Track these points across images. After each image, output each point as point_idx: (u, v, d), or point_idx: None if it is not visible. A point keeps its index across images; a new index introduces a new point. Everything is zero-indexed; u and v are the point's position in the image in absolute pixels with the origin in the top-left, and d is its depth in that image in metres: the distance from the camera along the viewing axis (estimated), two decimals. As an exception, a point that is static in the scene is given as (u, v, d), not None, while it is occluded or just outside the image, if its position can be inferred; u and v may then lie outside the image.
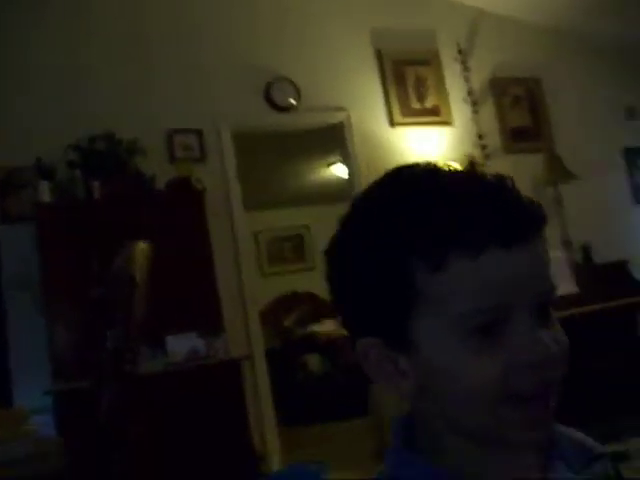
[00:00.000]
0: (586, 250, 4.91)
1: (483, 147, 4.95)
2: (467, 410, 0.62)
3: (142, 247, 1.35)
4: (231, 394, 3.60)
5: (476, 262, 0.59)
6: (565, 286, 4.44)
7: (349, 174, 4.88)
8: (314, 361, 6.87)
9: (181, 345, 3.64)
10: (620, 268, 4.78)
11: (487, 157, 4.95)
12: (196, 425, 3.37)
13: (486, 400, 0.61)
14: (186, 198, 3.98)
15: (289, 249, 9.17)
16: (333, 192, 7.51)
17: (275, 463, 4.17)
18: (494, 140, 5.05)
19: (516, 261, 0.60)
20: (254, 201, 7.46)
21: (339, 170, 7.07)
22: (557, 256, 4.61)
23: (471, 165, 0.66)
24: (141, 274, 1.32)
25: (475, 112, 5.01)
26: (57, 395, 3.33)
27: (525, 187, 0.63)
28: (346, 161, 4.90)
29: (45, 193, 3.79)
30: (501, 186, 0.62)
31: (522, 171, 4.98)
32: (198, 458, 3.30)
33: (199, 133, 4.37)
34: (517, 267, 0.60)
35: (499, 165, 4.96)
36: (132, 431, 1.14)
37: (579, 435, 0.76)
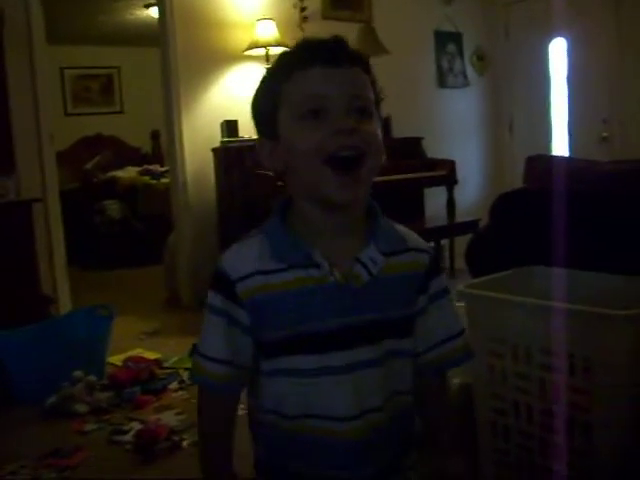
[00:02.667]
0: (386, 123, 5.15)
1: (302, 9, 4.90)
2: (304, 171, 0.98)
3: None
4: (20, 236, 3.49)
5: (305, 72, 0.98)
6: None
7: (161, 18, 4.65)
8: (113, 207, 6.76)
9: (-33, 181, 3.44)
10: (415, 144, 5.11)
11: (304, 20, 4.92)
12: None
13: (313, 160, 0.96)
14: (-22, 22, 3.62)
15: (97, 89, 8.71)
16: (149, 35, 7.16)
17: (65, 306, 4.17)
18: (314, 3, 5.00)
19: (332, 74, 0.97)
20: (62, 34, 6.95)
21: (157, 12, 6.71)
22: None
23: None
24: None
25: (299, -29, 4.92)
26: None
27: None
28: (160, 3, 4.64)
29: None
30: (334, 39, 1.00)
31: (337, 39, 5.06)
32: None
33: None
34: (333, 77, 0.97)
35: (315, 29, 4.95)
36: None
37: (404, 230, 1.11)
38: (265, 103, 1.03)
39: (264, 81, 1.06)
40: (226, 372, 1.03)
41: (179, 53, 4.46)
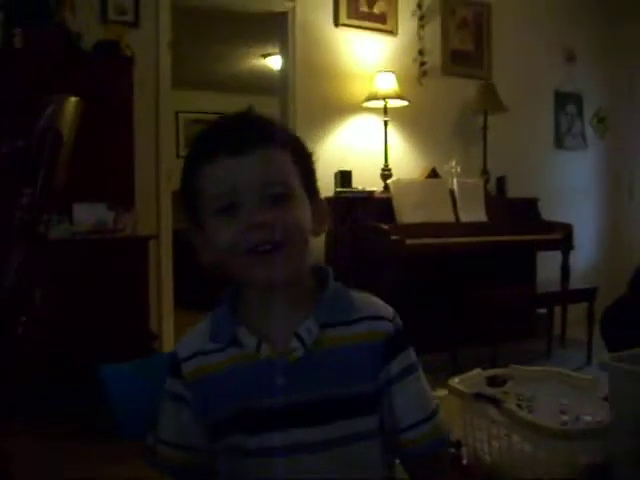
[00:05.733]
0: (501, 182, 5.03)
1: (422, 63, 4.91)
2: (228, 262, 0.95)
3: (73, 102, 1.25)
4: (134, 271, 3.54)
5: (211, 165, 0.93)
6: (475, 214, 4.57)
7: (283, 68, 4.74)
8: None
9: (89, 215, 3.52)
10: (530, 205, 4.94)
11: (424, 74, 4.91)
12: (96, 297, 3.33)
13: (232, 253, 0.93)
14: (114, 63, 3.76)
15: (208, 135, 8.98)
16: (263, 84, 7.34)
17: (168, 343, 4.19)
18: (434, 59, 5.00)
19: (239, 164, 0.92)
20: (180, 79, 7.21)
21: (273, 62, 6.89)
22: (472, 183, 4.71)
23: (247, 108, 0.87)
24: (69, 132, 1.23)
25: (421, 27, 4.93)
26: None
27: (455, 111, 0.64)
28: (283, 54, 4.74)
29: (-40, 33, 3.49)
30: (241, 120, 0.97)
31: (455, 95, 5.01)
32: (96, 329, 3.28)
33: (136, -4, 4.11)
34: (241, 167, 0.92)
35: (434, 85, 4.96)
36: (39, 295, 1.10)
37: (361, 298, 1.04)
38: (185, 194, 1.00)
39: (182, 176, 1.01)
40: (179, 455, 1.02)
41: (298, 102, 4.51)
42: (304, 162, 1.00)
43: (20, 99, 3.00)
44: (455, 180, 4.60)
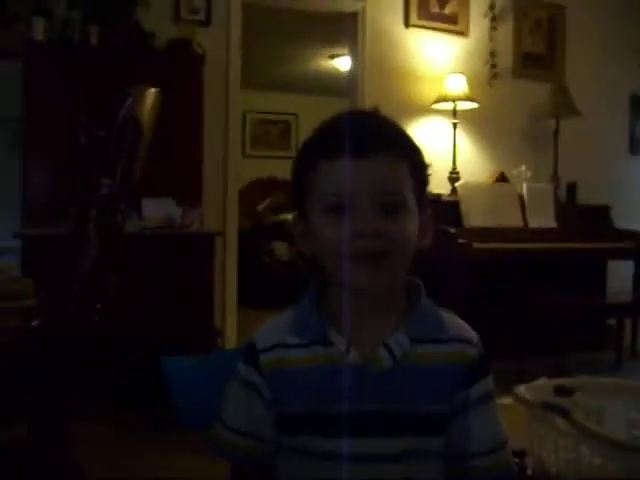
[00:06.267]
0: (571, 189, 4.91)
1: (493, 66, 4.83)
2: (327, 260, 0.95)
3: (153, 93, 1.26)
4: (200, 267, 3.59)
5: (329, 163, 0.93)
6: (545, 219, 4.46)
7: (352, 69, 4.74)
8: (281, 248, 6.89)
9: (157, 210, 3.59)
10: (602, 213, 4.80)
11: (494, 76, 4.84)
12: (163, 291, 3.39)
13: (333, 254, 0.93)
14: (185, 61, 3.83)
15: (274, 134, 9.04)
16: (330, 85, 7.35)
17: (230, 340, 4.23)
18: (505, 61, 4.92)
19: (358, 167, 0.91)
20: (248, 79, 7.28)
21: (341, 63, 6.89)
22: (542, 189, 4.60)
23: (373, 109, 0.84)
24: (149, 122, 1.24)
25: (493, 28, 4.85)
26: (26, 239, 3.29)
27: (526, 114, 0.61)
28: (352, 54, 4.74)
29: (39, 30, 3.59)
30: (364, 122, 0.97)
31: (526, 98, 4.91)
32: (162, 322, 3.33)
33: (208, -4, 4.17)
34: (359, 171, 0.91)
35: (504, 87, 4.87)
36: (114, 284, 1.12)
37: (448, 317, 1.02)
38: (296, 185, 1.00)
39: (296, 162, 1.01)
40: (244, 443, 1.01)
41: (367, 103, 4.49)
42: (420, 172, 0.99)
43: (95, 94, 3.08)
44: (524, 185, 4.51)
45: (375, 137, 0.94)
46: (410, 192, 0.95)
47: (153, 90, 1.26)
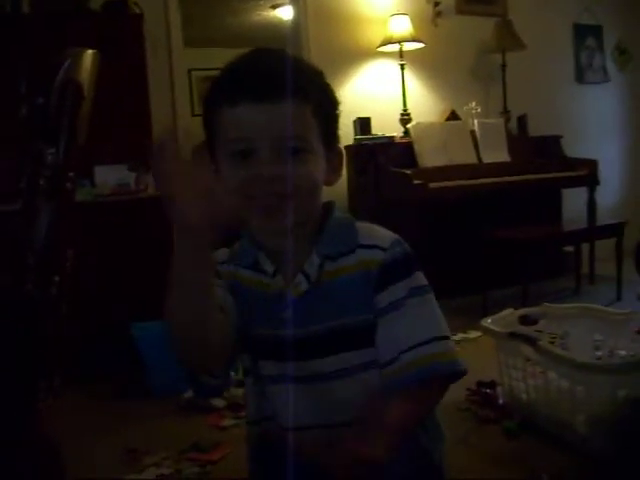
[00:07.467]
0: (522, 121, 4.94)
1: (436, 4, 4.79)
2: (235, 204, 0.93)
3: (90, 54, 1.23)
4: (160, 228, 3.53)
5: (233, 109, 0.92)
6: (498, 154, 4.50)
7: (294, 17, 4.65)
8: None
9: (110, 177, 3.52)
10: (553, 143, 4.86)
11: (438, 15, 4.80)
12: (127, 257, 3.35)
13: (238, 197, 0.92)
14: (123, 21, 3.71)
15: (222, 91, 8.92)
16: (275, 35, 7.22)
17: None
18: (448, -2, 4.87)
19: (260, 112, 0.91)
20: (190, 36, 7.12)
21: (283, 13, 6.76)
22: (493, 124, 4.63)
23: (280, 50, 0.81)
24: (89, 85, 1.20)
25: (433, -34, 4.80)
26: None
27: (472, 51, 0.61)
28: (293, 2, 4.64)
29: (-34, 1, 3.45)
30: (266, 62, 0.95)
31: (472, 34, 4.90)
32: (129, 288, 3.30)
33: (141, -49, 4.02)
34: (260, 115, 0.91)
35: (449, 25, 4.84)
36: (71, 255, 1.09)
37: (364, 227, 1.03)
38: (206, 128, 1.00)
39: (203, 108, 1.01)
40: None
41: (312, 51, 4.44)
42: (327, 111, 0.99)
43: (33, 63, 2.97)
44: (476, 121, 4.53)
45: (276, 80, 0.92)
46: (314, 133, 0.95)
47: (90, 51, 1.22)
